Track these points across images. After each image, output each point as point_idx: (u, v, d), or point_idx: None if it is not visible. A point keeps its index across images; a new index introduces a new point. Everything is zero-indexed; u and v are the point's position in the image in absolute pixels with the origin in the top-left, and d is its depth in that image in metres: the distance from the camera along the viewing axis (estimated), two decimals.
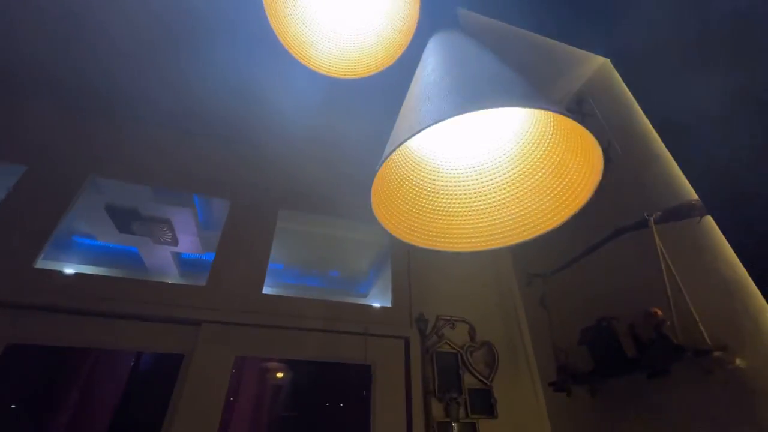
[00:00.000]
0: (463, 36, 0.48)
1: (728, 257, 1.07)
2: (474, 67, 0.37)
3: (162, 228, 2.72)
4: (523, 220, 0.46)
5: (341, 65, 0.57)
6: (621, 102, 1.57)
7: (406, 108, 0.40)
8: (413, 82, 0.46)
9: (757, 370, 0.98)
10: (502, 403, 1.61)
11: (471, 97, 0.32)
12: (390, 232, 0.48)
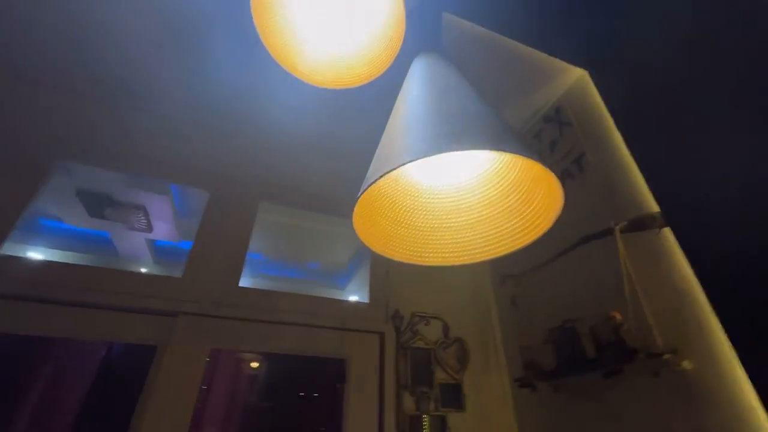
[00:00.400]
0: (444, 64, 0.50)
1: (682, 268, 1.15)
2: (452, 104, 0.40)
3: (136, 214, 2.64)
4: (495, 239, 0.50)
5: (328, 75, 0.59)
6: (596, 113, 1.63)
7: (388, 136, 0.43)
8: (396, 107, 0.48)
9: (700, 372, 1.07)
10: (470, 397, 1.68)
11: (449, 137, 0.34)
12: (370, 247, 0.50)
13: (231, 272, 1.60)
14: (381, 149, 0.42)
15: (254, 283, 3.47)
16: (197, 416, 1.36)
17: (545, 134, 1.92)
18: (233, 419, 2.22)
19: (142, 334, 1.39)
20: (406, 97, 0.46)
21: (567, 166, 1.73)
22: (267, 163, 1.99)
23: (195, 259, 1.58)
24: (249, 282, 3.53)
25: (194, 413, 1.31)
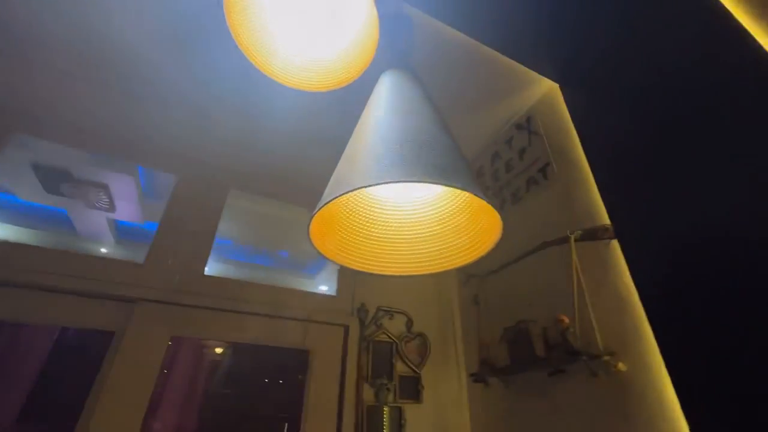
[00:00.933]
0: (409, 84, 0.52)
1: (625, 278, 1.25)
2: (411, 131, 0.42)
3: (97, 192, 2.53)
4: (444, 253, 0.53)
5: (303, 78, 0.60)
6: (563, 126, 1.71)
7: (348, 155, 0.45)
8: (360, 125, 0.50)
9: (632, 373, 1.17)
10: (428, 390, 1.75)
11: (403, 167, 0.37)
12: (326, 257, 0.52)
13: (196, 260, 1.58)
14: (341, 167, 0.44)
15: (221, 268, 3.41)
16: (156, 400, 1.35)
17: (516, 141, 1.99)
18: (193, 404, 2.21)
19: (99, 319, 1.36)
20: (370, 116, 0.48)
21: (533, 174, 1.81)
22: (239, 151, 1.95)
23: (158, 245, 1.54)
24: (216, 267, 3.47)
25: (153, 398, 1.30)
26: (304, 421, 1.49)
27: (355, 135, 0.49)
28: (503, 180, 2.01)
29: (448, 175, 0.37)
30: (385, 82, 0.54)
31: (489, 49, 1.62)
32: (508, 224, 1.50)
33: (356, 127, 0.51)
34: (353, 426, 1.54)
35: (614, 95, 1.45)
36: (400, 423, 1.62)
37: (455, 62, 1.71)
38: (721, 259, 0.98)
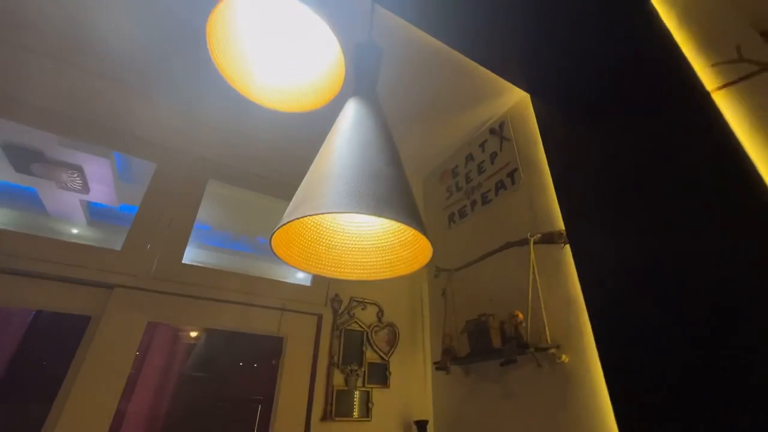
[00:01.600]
0: (371, 115, 0.60)
1: (574, 280, 1.38)
2: (368, 163, 0.50)
3: (71, 174, 2.49)
4: (393, 263, 0.62)
5: (278, 101, 0.66)
6: (531, 133, 1.82)
7: (312, 177, 0.52)
8: (324, 148, 0.57)
9: (574, 365, 1.32)
10: (395, 376, 1.87)
11: (358, 199, 0.44)
12: (287, 262, 0.60)
13: (174, 249, 1.62)
14: (301, 191, 0.51)
15: (198, 254, 3.42)
16: (131, 383, 1.40)
17: (488, 145, 2.10)
18: (168, 387, 2.26)
19: (76, 304, 1.39)
20: (331, 144, 0.55)
21: (503, 178, 1.92)
22: (219, 142, 1.98)
23: (136, 232, 1.57)
24: (193, 253, 3.48)
25: (127, 387, 1.36)
26: (276, 402, 1.58)
27: (317, 161, 0.56)
28: (475, 181, 2.12)
29: (390, 207, 0.45)
30: (349, 111, 0.61)
31: (470, 60, 1.70)
32: (477, 226, 1.63)
33: (320, 152, 0.58)
34: (322, 408, 1.64)
35: (574, 108, 1.57)
36: (368, 406, 1.74)
37: (439, 68, 1.79)
38: (654, 271, 1.12)
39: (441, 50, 1.65)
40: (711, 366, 0.93)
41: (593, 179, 1.40)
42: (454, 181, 2.31)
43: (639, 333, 1.11)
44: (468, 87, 1.90)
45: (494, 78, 1.82)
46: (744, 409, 0.86)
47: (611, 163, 1.35)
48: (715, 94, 1.14)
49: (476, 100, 2.00)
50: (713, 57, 1.18)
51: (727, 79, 1.13)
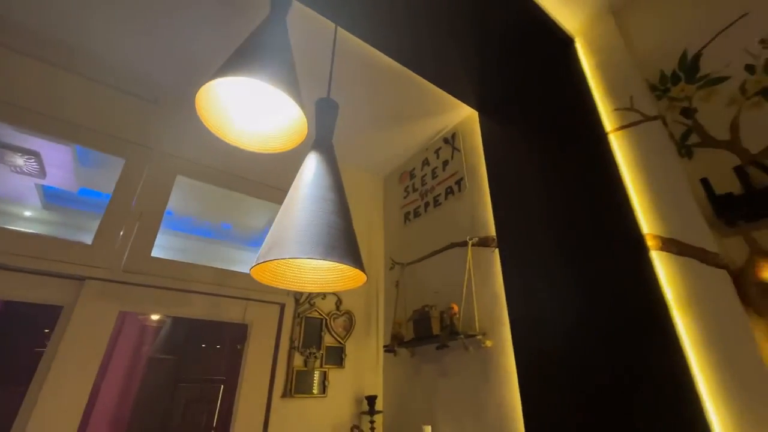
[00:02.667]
0: (327, 164, 0.77)
1: (499, 279, 1.65)
2: (322, 218, 0.67)
3: (28, 159, 2.45)
4: (342, 279, 0.81)
5: (251, 143, 0.81)
6: (477, 147, 2.06)
7: (282, 221, 0.69)
8: (291, 194, 0.74)
9: (495, 349, 1.60)
10: (350, 357, 2.11)
11: (321, 248, 0.63)
12: (261, 281, 0.78)
13: (144, 243, 1.72)
14: (274, 234, 0.68)
15: (160, 239, 3.44)
16: (102, 375, 1.52)
17: (442, 152, 2.32)
18: (137, 370, 2.37)
19: (47, 295, 1.48)
20: (298, 196, 0.72)
21: (451, 184, 2.16)
22: (188, 138, 2.05)
23: (107, 226, 1.65)
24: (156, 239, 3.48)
25: (100, 372, 1.48)
26: (240, 383, 1.76)
27: (284, 209, 0.73)
28: (429, 185, 2.34)
29: (335, 252, 0.64)
30: (310, 165, 0.78)
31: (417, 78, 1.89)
32: (428, 226, 1.86)
33: (286, 200, 0.75)
34: (283, 387, 1.85)
35: (510, 129, 1.81)
36: (324, 384, 1.97)
37: (403, 85, 1.97)
38: (553, 275, 1.40)
39: (405, 71, 1.83)
40: (588, 347, 1.23)
41: (518, 194, 1.66)
42: (411, 182, 2.53)
43: (542, 323, 1.39)
44: (427, 101, 2.10)
45: (446, 95, 2.03)
46: (606, 374, 1.16)
47: (530, 183, 1.61)
48: (612, 134, 1.42)
49: (433, 112, 2.20)
50: (614, 103, 1.45)
51: (620, 124, 1.40)
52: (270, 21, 0.85)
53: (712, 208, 1.12)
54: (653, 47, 1.44)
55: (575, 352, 1.25)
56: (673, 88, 1.36)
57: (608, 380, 1.14)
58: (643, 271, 1.18)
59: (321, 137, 0.85)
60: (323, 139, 0.86)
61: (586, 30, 1.65)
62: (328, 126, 0.89)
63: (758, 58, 1.19)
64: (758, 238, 1.07)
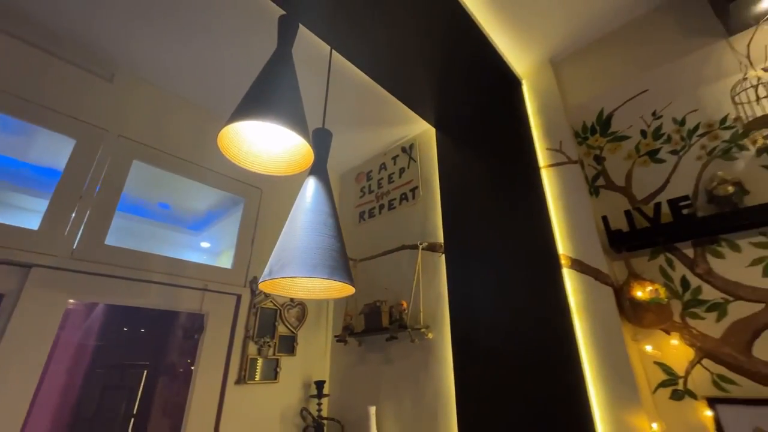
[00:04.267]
0: (324, 189, 0.91)
1: (444, 281, 1.92)
2: (321, 242, 0.82)
3: None
4: (331, 290, 0.96)
5: (262, 167, 0.92)
6: (432, 160, 2.29)
7: (285, 242, 0.82)
8: (293, 215, 0.87)
9: (436, 341, 1.87)
10: (301, 346, 2.25)
11: (317, 269, 0.77)
12: (265, 290, 0.90)
13: (97, 229, 1.66)
14: (282, 251, 0.81)
15: None
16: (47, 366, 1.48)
17: (399, 160, 2.52)
18: (83, 358, 2.24)
19: None
20: (299, 220, 0.85)
21: (406, 191, 2.37)
22: (147, 123, 1.97)
23: (54, 211, 1.57)
24: None
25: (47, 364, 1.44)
26: (196, 370, 1.81)
27: (287, 232, 0.85)
28: (384, 188, 2.53)
29: (337, 272, 0.79)
30: (309, 191, 0.91)
31: (384, 92, 2.05)
32: (382, 226, 2.07)
33: (288, 223, 0.88)
34: (237, 374, 1.93)
35: (462, 149, 2.07)
36: (276, 370, 2.09)
37: (368, 92, 2.10)
38: (488, 282, 1.69)
39: (373, 84, 1.97)
40: (513, 340, 1.53)
41: (465, 208, 1.93)
42: (367, 183, 2.69)
43: (477, 320, 1.68)
44: (390, 111, 2.26)
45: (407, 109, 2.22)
46: (520, 362, 1.47)
47: (476, 199, 1.89)
48: (543, 169, 1.73)
49: (395, 122, 2.38)
50: (548, 143, 1.76)
51: (550, 162, 1.72)
52: (279, 58, 0.95)
53: (608, 239, 1.47)
54: (580, 101, 1.77)
55: (503, 344, 1.56)
56: (590, 137, 1.71)
57: (526, 365, 1.46)
58: (556, 282, 1.50)
59: (318, 164, 0.98)
60: (320, 165, 0.99)
61: (532, 75, 1.95)
62: (324, 153, 1.02)
63: (650, 126, 1.56)
64: (634, 264, 1.45)
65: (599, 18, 1.71)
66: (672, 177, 1.45)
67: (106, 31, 1.75)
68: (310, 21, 1.53)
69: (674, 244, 1.38)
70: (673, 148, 1.48)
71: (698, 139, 1.43)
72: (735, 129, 1.36)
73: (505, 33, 1.76)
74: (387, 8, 1.48)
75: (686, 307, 1.31)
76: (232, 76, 2.02)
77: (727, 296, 1.24)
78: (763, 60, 1.31)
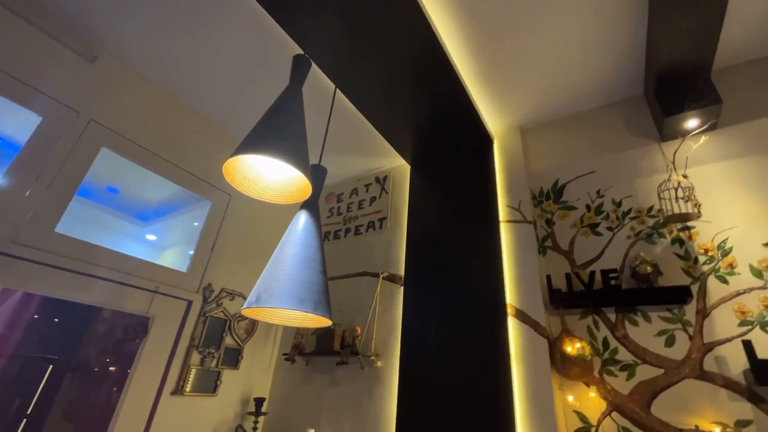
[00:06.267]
0: (313, 223, 0.98)
1: (399, 312, 2.02)
2: (307, 277, 0.88)
3: None
4: (308, 320, 1.02)
5: (266, 196, 0.98)
6: (404, 195, 2.42)
7: (272, 270, 0.87)
8: (280, 251, 0.92)
9: (384, 368, 1.94)
10: (245, 360, 2.20)
11: (303, 303, 0.83)
12: (247, 315, 0.93)
13: (49, 214, 1.56)
14: (269, 280, 0.86)
15: None
16: None
17: (372, 189, 2.62)
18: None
19: None
20: (287, 252, 0.91)
21: (374, 220, 2.47)
22: (124, 111, 1.90)
23: (6, 190, 1.46)
24: None
25: None
26: (132, 375, 1.71)
27: (274, 261, 0.91)
28: (353, 213, 2.61)
29: (317, 306, 0.86)
30: (299, 223, 0.97)
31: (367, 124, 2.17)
32: (345, 250, 2.13)
33: (276, 253, 0.93)
34: (174, 384, 1.86)
35: (433, 191, 2.22)
36: (216, 383, 2.03)
37: (352, 120, 2.20)
38: (440, 320, 1.81)
39: (359, 115, 2.07)
40: (457, 376, 1.65)
41: (429, 245, 2.06)
42: (337, 204, 2.75)
43: (425, 354, 1.78)
44: (371, 142, 2.37)
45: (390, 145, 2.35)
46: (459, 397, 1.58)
47: (440, 239, 2.03)
48: (503, 223, 1.92)
49: (374, 152, 2.49)
50: (509, 200, 1.96)
51: (509, 218, 1.91)
52: (290, 95, 1.02)
53: (549, 295, 1.67)
54: (540, 168, 2.01)
55: (446, 379, 1.67)
56: (545, 202, 1.94)
57: (466, 400, 1.58)
58: (501, 327, 1.66)
59: (311, 198, 1.05)
60: (313, 199, 1.05)
61: (503, 137, 2.18)
62: (317, 188, 1.09)
63: (594, 202, 1.81)
64: (567, 321, 1.65)
65: (565, 101, 1.97)
66: (606, 249, 1.69)
67: (97, 10, 1.69)
68: (320, 61, 1.62)
69: (601, 308, 1.60)
70: (610, 225, 1.73)
71: (630, 221, 1.69)
72: (658, 218, 1.63)
73: (486, 96, 1.97)
74: (389, 58, 1.61)
75: (605, 364, 1.52)
76: (219, 76, 2.01)
77: (636, 359, 1.46)
78: (684, 168, 1.60)
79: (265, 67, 1.92)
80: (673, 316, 1.46)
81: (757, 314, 1.33)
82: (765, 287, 1.35)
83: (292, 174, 1.01)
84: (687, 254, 1.53)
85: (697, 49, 1.49)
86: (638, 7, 1.47)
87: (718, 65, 1.68)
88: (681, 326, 1.44)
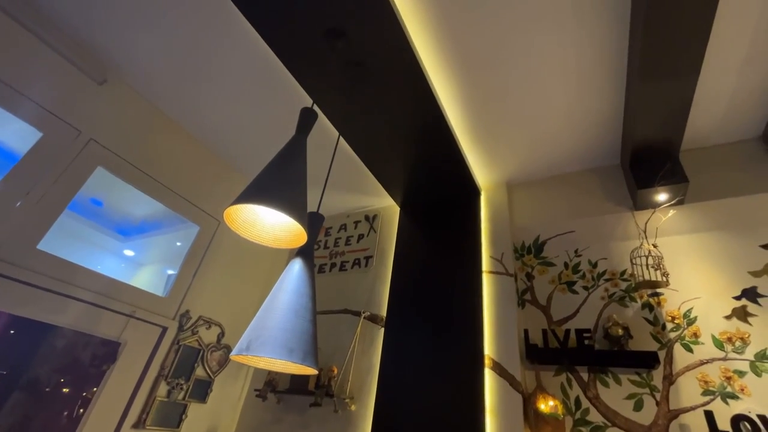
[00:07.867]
0: (306, 271, 1.02)
1: (378, 354, 2.01)
2: (296, 325, 0.91)
3: None
4: (291, 368, 1.03)
5: (265, 239, 1.01)
6: (392, 235, 2.47)
7: (265, 314, 0.89)
8: (271, 299, 0.95)
9: (358, 412, 1.91)
10: (215, 394, 2.13)
11: (293, 353, 0.86)
12: (238, 360, 0.95)
13: (34, 231, 1.54)
14: (260, 328, 0.88)
15: None
16: None
17: (360, 226, 2.67)
18: None
19: None
20: (286, 294, 0.93)
21: (360, 258, 2.50)
22: (125, 133, 1.93)
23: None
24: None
25: None
26: (94, 404, 1.63)
27: (266, 309, 0.93)
28: (340, 248, 2.64)
29: (305, 356, 0.88)
30: (293, 272, 1.01)
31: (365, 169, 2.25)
32: (329, 285, 2.13)
33: (268, 301, 0.96)
34: (137, 416, 1.77)
35: (421, 236, 2.29)
36: (182, 417, 1.94)
37: (349, 161, 2.28)
38: (420, 367, 1.81)
39: (354, 155, 2.16)
40: (433, 426, 1.63)
41: (412, 289, 2.10)
42: (324, 239, 2.78)
43: (401, 400, 1.77)
44: (363, 181, 2.45)
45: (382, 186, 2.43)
46: None
47: (424, 283, 2.07)
48: (485, 273, 1.98)
49: (365, 191, 2.56)
50: (492, 252, 2.04)
51: (491, 269, 1.98)
52: (295, 145, 1.08)
53: (525, 350, 1.71)
54: (523, 223, 2.11)
55: (420, 429, 1.65)
56: (526, 256, 2.02)
57: None
58: (478, 379, 1.68)
59: (306, 245, 1.09)
60: (308, 246, 1.09)
61: (490, 190, 2.29)
62: (313, 236, 1.13)
63: (571, 260, 1.90)
64: (542, 377, 1.68)
65: (549, 162, 2.11)
66: (581, 308, 1.77)
67: (112, 34, 1.76)
68: (326, 110, 1.71)
69: (575, 366, 1.65)
70: (586, 284, 1.81)
71: (604, 282, 1.78)
72: (630, 282, 1.72)
73: (477, 152, 2.09)
74: (391, 115, 1.71)
75: (576, 424, 1.54)
76: (222, 112, 2.08)
77: (606, 421, 1.50)
78: (654, 237, 1.72)
79: (269, 108, 2.00)
80: (641, 380, 1.52)
81: (718, 385, 1.40)
82: (726, 359, 1.43)
83: (289, 221, 1.05)
84: (656, 320, 1.61)
85: (667, 128, 1.64)
86: (617, 79, 1.61)
87: (687, 146, 1.84)
88: (649, 391, 1.49)
